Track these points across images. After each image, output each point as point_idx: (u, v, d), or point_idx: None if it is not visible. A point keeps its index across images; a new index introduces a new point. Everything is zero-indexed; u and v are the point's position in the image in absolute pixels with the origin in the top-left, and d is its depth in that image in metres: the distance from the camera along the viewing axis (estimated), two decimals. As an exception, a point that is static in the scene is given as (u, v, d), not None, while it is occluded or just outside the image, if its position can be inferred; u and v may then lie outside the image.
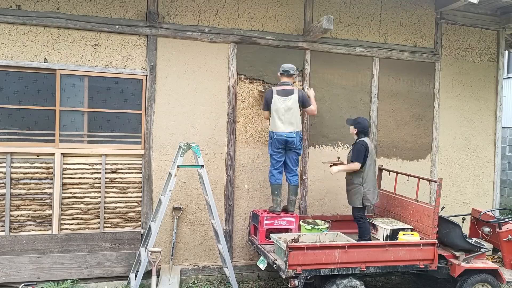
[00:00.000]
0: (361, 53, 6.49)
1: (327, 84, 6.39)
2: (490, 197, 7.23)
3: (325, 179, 6.41)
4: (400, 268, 5.03)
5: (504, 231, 5.52)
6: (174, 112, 5.78)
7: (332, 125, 6.44)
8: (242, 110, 6.06)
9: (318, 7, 6.31)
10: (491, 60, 7.20)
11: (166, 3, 5.71)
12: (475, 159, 7.15)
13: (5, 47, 5.23)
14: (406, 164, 6.76)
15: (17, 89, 5.33)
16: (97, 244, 5.52)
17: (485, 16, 7.06)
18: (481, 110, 7.17)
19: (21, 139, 5.37)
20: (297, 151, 5.64)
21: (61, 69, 5.41)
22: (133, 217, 5.73)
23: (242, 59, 6.01)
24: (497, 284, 5.22)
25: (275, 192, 5.63)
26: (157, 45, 5.67)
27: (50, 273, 5.32)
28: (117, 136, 5.68)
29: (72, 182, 5.50)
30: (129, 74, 5.63)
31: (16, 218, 5.34)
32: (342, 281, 4.75)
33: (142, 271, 4.91)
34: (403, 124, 6.78)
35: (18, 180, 5.33)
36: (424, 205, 5.35)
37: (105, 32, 5.51)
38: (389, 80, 6.68)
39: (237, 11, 5.99)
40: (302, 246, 4.63)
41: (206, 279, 5.93)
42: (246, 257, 6.12)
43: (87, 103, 5.56)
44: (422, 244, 4.97)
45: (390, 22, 6.66)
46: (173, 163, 5.29)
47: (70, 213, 5.50)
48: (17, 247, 5.27)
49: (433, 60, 6.85)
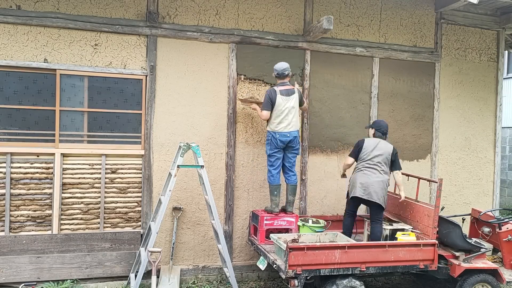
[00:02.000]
0: (361, 53, 6.50)
1: (327, 84, 6.39)
2: (490, 197, 7.23)
3: (325, 178, 6.41)
4: (400, 269, 5.02)
5: (504, 231, 5.53)
6: (174, 112, 5.78)
7: (332, 125, 6.44)
8: (242, 110, 6.05)
9: (318, 7, 6.31)
10: (491, 60, 7.21)
11: (166, 3, 5.71)
12: (475, 159, 7.16)
13: (5, 47, 5.23)
14: (406, 164, 6.74)
15: (17, 89, 5.33)
16: (97, 244, 5.52)
17: (485, 16, 7.06)
18: (481, 110, 7.17)
19: (21, 139, 5.37)
20: (296, 151, 5.66)
21: (61, 69, 5.41)
22: (133, 217, 5.73)
23: (242, 59, 6.01)
24: (497, 284, 5.22)
25: (275, 193, 5.63)
26: (157, 45, 5.68)
27: (50, 273, 5.32)
28: (117, 136, 5.69)
29: (72, 182, 5.50)
30: (129, 74, 5.64)
31: (16, 218, 5.34)
32: (342, 281, 4.75)
33: (142, 271, 4.91)
34: (403, 124, 6.79)
35: (18, 180, 5.33)
36: (424, 205, 5.35)
37: (105, 32, 5.51)
38: (389, 80, 6.69)
39: (237, 11, 5.99)
40: (302, 247, 4.63)
41: (206, 279, 5.94)
42: (246, 257, 6.12)
43: (87, 103, 5.56)
44: (422, 244, 4.96)
45: (390, 22, 6.67)
46: (173, 163, 5.30)
47: (70, 213, 5.50)
48: (17, 247, 5.27)
49: (433, 60, 6.86)
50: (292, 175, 5.70)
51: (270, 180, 5.64)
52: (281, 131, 5.49)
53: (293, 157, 5.67)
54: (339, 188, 6.46)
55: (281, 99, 5.47)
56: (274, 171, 5.60)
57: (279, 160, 5.60)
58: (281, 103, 5.47)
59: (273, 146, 5.55)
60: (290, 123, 5.50)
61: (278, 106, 5.47)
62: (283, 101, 5.47)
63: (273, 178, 5.61)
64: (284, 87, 5.55)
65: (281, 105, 5.47)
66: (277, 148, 5.54)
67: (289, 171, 5.70)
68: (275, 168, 5.60)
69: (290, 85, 5.60)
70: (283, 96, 5.48)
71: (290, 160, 5.67)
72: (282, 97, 5.47)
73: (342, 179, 6.31)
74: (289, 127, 5.50)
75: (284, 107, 5.47)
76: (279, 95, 5.47)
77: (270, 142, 5.59)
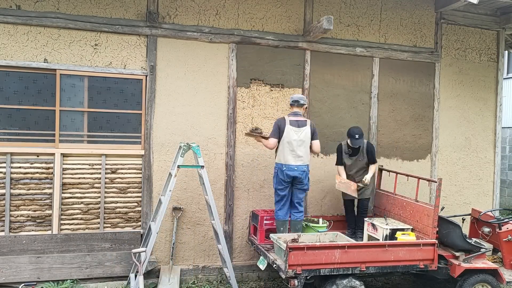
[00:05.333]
0: (361, 53, 6.51)
1: (327, 85, 6.40)
2: (490, 197, 7.25)
3: (325, 179, 6.43)
4: (400, 268, 5.04)
5: (504, 231, 5.55)
6: (174, 112, 5.80)
7: (332, 125, 6.46)
8: (242, 110, 6.07)
9: (318, 7, 6.32)
10: (491, 60, 7.23)
11: (166, 3, 5.73)
12: (475, 159, 7.17)
13: (5, 47, 5.24)
14: (406, 164, 6.78)
15: (17, 89, 5.34)
16: (97, 244, 5.53)
17: (485, 17, 7.09)
18: (481, 110, 7.19)
19: (21, 139, 5.38)
20: (304, 187, 5.41)
21: (61, 69, 5.42)
22: (133, 217, 5.74)
23: (242, 59, 6.02)
24: (497, 284, 5.23)
25: (281, 229, 5.37)
26: (157, 45, 5.69)
27: (50, 273, 5.33)
28: (117, 136, 5.70)
29: (72, 182, 5.52)
30: (129, 74, 5.65)
31: (16, 218, 5.35)
32: (342, 281, 4.76)
33: (142, 271, 4.91)
34: (403, 124, 6.80)
35: (18, 180, 5.35)
36: (424, 205, 5.36)
37: (105, 32, 5.52)
38: (389, 80, 6.70)
39: (237, 11, 6.00)
40: (302, 246, 4.64)
41: (206, 279, 5.95)
42: (246, 257, 6.13)
43: (87, 103, 5.57)
44: (422, 244, 4.98)
45: (390, 22, 6.69)
46: (173, 163, 5.31)
47: (70, 213, 5.52)
48: (17, 247, 5.28)
49: (433, 60, 6.88)
50: (297, 212, 5.42)
51: (276, 215, 5.43)
52: (288, 163, 5.24)
53: (300, 194, 5.42)
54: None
55: (291, 130, 5.25)
56: (280, 206, 5.37)
57: (285, 197, 5.34)
58: (290, 134, 5.25)
59: (279, 180, 5.31)
60: (298, 156, 5.26)
61: (287, 137, 5.24)
62: (293, 132, 5.26)
63: (278, 214, 5.39)
64: (295, 118, 5.33)
65: (290, 136, 5.24)
66: (283, 182, 5.29)
67: (294, 208, 5.43)
68: (281, 205, 5.36)
69: (302, 117, 5.41)
70: (293, 127, 5.27)
71: (297, 196, 5.41)
72: (292, 127, 5.26)
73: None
74: (296, 160, 5.26)
75: (293, 138, 5.25)
76: (288, 125, 5.26)
77: (276, 175, 5.37)
